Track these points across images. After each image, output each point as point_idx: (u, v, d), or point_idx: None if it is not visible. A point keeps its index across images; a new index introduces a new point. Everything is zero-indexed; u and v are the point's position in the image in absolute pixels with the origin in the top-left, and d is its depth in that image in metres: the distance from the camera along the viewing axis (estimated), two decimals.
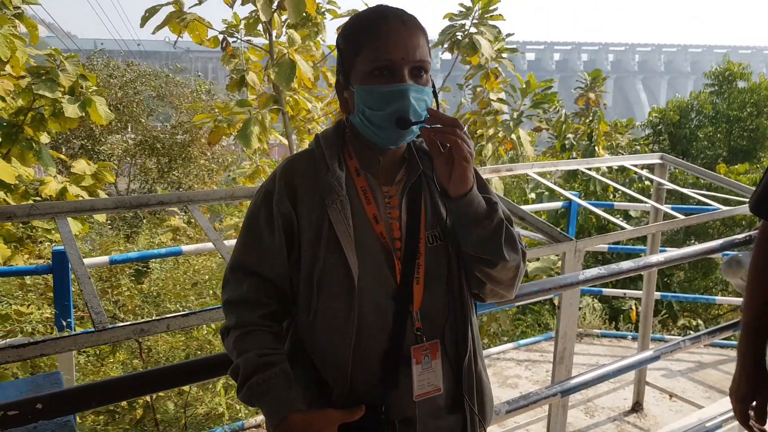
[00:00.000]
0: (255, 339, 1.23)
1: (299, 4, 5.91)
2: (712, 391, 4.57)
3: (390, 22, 1.21)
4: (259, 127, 6.14)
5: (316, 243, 1.23)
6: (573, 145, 11.18)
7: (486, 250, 1.23)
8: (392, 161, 1.31)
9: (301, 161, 1.31)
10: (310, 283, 1.24)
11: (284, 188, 1.27)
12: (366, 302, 1.23)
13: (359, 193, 1.27)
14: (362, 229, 1.25)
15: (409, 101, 1.19)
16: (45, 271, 3.28)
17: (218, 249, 2.24)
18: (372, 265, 1.24)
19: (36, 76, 5.35)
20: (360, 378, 1.23)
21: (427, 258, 1.28)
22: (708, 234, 8.59)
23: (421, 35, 1.24)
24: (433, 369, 1.27)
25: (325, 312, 1.24)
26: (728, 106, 11.64)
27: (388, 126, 1.21)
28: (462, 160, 1.17)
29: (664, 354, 2.70)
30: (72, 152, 10.80)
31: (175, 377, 1.54)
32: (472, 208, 1.21)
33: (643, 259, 2.59)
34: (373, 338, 1.24)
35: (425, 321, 1.27)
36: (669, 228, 5.97)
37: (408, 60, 1.20)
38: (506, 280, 1.28)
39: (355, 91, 1.24)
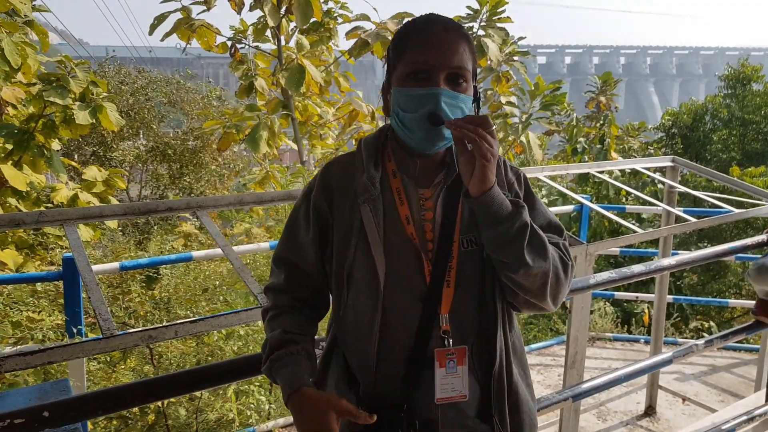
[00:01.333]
0: (285, 319, 1.33)
1: (307, 10, 5.93)
2: (726, 394, 4.52)
3: (431, 29, 1.25)
4: (267, 132, 6.17)
5: (347, 240, 1.28)
6: (585, 148, 11.12)
7: (505, 253, 1.20)
8: (431, 164, 1.32)
9: (342, 162, 1.37)
10: (340, 278, 1.29)
11: (322, 187, 1.33)
12: (392, 301, 1.25)
13: (394, 193, 1.30)
14: (393, 228, 1.27)
15: (440, 103, 1.21)
16: (56, 278, 3.29)
17: (227, 255, 2.24)
18: (401, 265, 1.26)
19: (47, 83, 5.40)
20: (384, 375, 1.26)
21: (460, 261, 1.27)
22: (721, 237, 8.50)
23: (462, 43, 1.25)
24: (458, 374, 1.26)
25: (353, 307, 1.28)
26: (742, 109, 11.54)
27: (419, 128, 1.23)
28: (481, 158, 1.16)
29: (677, 358, 2.67)
30: (84, 159, 10.88)
31: (183, 384, 1.54)
32: (491, 209, 1.20)
33: (655, 263, 2.56)
34: (398, 337, 1.26)
35: (453, 325, 1.26)
36: (681, 231, 5.91)
37: (444, 66, 1.22)
38: (534, 288, 1.24)
39: (393, 92, 1.28)
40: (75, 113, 5.40)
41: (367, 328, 1.25)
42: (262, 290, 1.41)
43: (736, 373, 4.90)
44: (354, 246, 1.26)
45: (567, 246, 1.31)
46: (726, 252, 2.92)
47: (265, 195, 2.80)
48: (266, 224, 6.15)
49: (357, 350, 1.28)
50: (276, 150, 6.93)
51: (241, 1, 6.38)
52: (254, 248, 3.91)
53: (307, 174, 6.30)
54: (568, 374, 2.64)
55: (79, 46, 21.35)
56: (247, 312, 1.92)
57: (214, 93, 13.69)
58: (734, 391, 4.55)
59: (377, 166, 1.31)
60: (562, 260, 1.27)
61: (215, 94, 13.66)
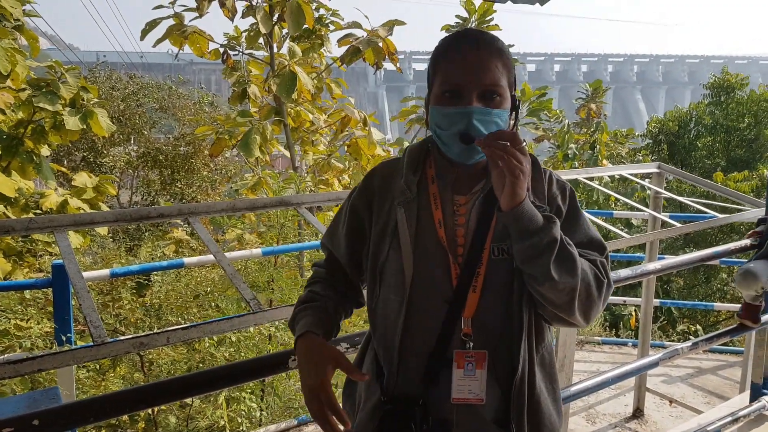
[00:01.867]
0: (317, 285, 1.47)
1: (299, 17, 5.95)
2: (712, 396, 4.57)
3: (463, 47, 1.30)
4: (260, 137, 6.18)
5: (382, 239, 1.36)
6: (576, 154, 11.21)
7: (532, 266, 1.22)
8: (471, 173, 1.36)
9: (386, 166, 1.46)
10: (374, 274, 1.37)
11: (364, 188, 1.44)
12: (418, 300, 1.31)
13: (430, 198, 1.35)
14: (426, 231, 1.33)
15: (472, 123, 1.25)
16: (45, 285, 3.27)
17: (218, 261, 2.25)
18: (429, 267, 1.31)
19: (36, 89, 5.38)
20: (406, 370, 1.32)
21: (489, 269, 1.30)
22: (707, 241, 8.60)
23: (495, 59, 1.28)
24: (477, 378, 1.28)
25: (383, 302, 1.35)
26: (726, 117, 11.68)
27: (454, 144, 1.28)
28: (510, 175, 1.18)
29: (663, 360, 2.71)
30: (74, 165, 10.83)
31: (174, 391, 1.55)
32: (521, 223, 1.21)
33: (641, 267, 2.60)
34: (421, 335, 1.31)
35: (476, 330, 1.29)
36: (666, 236, 5.98)
37: (476, 85, 1.26)
38: (559, 302, 1.24)
39: (430, 109, 1.34)
40: (65, 119, 5.39)
41: (393, 323, 1.32)
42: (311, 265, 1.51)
43: (722, 375, 4.96)
44: (388, 245, 1.34)
45: (605, 264, 1.32)
46: (711, 256, 2.97)
47: (258, 201, 2.81)
48: (258, 230, 6.15)
49: (384, 343, 1.35)
50: (268, 156, 6.94)
51: (234, 7, 6.38)
52: (247, 254, 3.92)
53: (299, 180, 6.32)
54: (558, 377, 2.66)
55: (69, 51, 21.27)
56: (240, 318, 1.93)
57: (206, 99, 13.68)
58: (720, 393, 4.60)
59: (416, 172, 1.37)
60: (597, 278, 1.27)
61: (207, 100, 13.65)
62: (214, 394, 4.00)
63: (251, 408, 4.11)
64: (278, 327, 4.42)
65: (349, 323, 4.86)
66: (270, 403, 4.35)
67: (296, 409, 4.38)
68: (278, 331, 4.43)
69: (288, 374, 4.31)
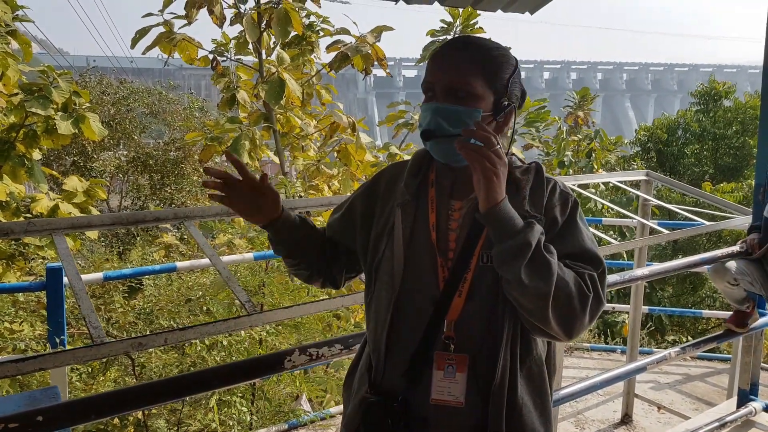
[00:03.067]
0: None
1: (286, 25, 6.00)
2: (700, 402, 4.62)
3: (446, 49, 1.35)
4: (249, 143, 6.20)
5: (380, 237, 1.41)
6: (571, 162, 11.30)
7: (505, 269, 1.23)
8: (468, 178, 1.33)
9: (393, 169, 1.51)
10: (370, 271, 1.43)
11: (368, 188, 1.52)
12: (406, 300, 1.35)
13: (428, 202, 1.40)
14: (420, 234, 1.37)
15: (431, 118, 1.30)
16: (39, 288, 3.28)
17: (214, 264, 2.27)
18: (419, 268, 1.36)
19: (29, 93, 5.38)
20: (392, 366, 1.36)
21: (476, 275, 1.32)
22: (695, 249, 8.69)
23: (471, 59, 1.32)
24: (456, 381, 1.30)
25: (376, 298, 1.40)
26: (714, 125, 11.83)
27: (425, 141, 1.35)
28: (483, 177, 1.20)
29: (650, 366, 2.76)
30: (64, 169, 10.79)
31: (174, 389, 1.57)
32: (497, 225, 1.22)
33: (628, 273, 2.65)
34: (406, 335, 1.35)
35: (459, 334, 1.31)
36: (654, 242, 6.05)
37: (442, 80, 1.31)
38: (532, 308, 1.24)
39: None
40: (57, 123, 5.39)
41: (383, 318, 1.36)
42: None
43: (710, 381, 5.02)
44: (384, 244, 1.39)
45: (596, 279, 1.28)
46: (698, 263, 3.03)
47: None
48: (248, 235, 6.16)
49: (374, 337, 1.40)
50: (258, 162, 6.96)
51: (222, 15, 6.40)
52: (239, 259, 3.94)
53: (289, 185, 6.34)
54: None
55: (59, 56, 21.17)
56: (236, 320, 1.95)
57: (196, 104, 13.68)
58: (708, 399, 4.66)
59: (417, 175, 1.42)
60: (581, 290, 1.25)
61: (197, 105, 13.65)
62: (205, 397, 4.00)
63: (242, 412, 4.12)
64: (269, 332, 4.43)
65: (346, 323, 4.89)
66: (260, 407, 4.36)
67: (286, 413, 4.39)
68: (269, 336, 4.44)
69: (279, 378, 4.32)
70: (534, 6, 3.25)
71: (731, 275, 3.00)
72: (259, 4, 6.41)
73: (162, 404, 3.66)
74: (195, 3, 6.01)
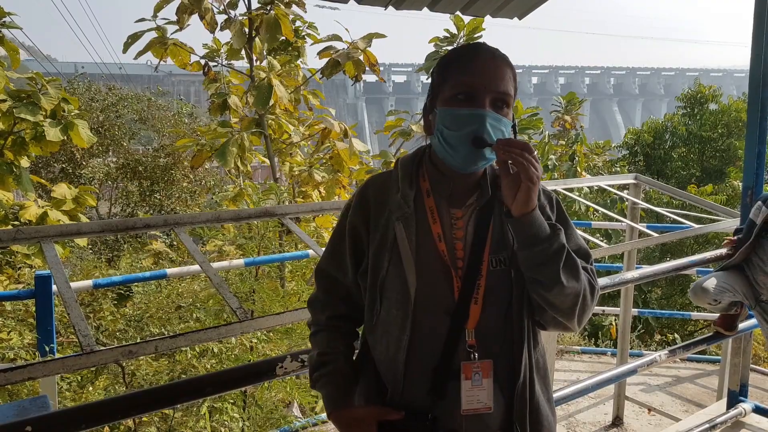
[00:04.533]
0: (321, 338, 1.46)
1: (275, 31, 6.00)
2: (690, 404, 4.65)
3: (480, 54, 1.32)
4: (237, 148, 6.19)
5: (381, 255, 1.35)
6: (555, 166, 11.37)
7: (543, 272, 1.25)
8: (465, 186, 1.38)
9: (379, 181, 1.45)
10: (374, 291, 1.37)
11: (359, 203, 1.42)
12: (422, 315, 1.31)
13: (427, 212, 1.36)
14: (425, 246, 1.33)
15: (485, 125, 1.26)
16: (27, 296, 3.25)
17: (205, 271, 2.26)
18: (431, 281, 1.32)
19: (17, 100, 5.34)
20: (411, 384, 1.33)
21: (489, 280, 1.32)
22: (682, 250, 8.76)
23: (508, 71, 1.31)
24: (484, 387, 1.31)
25: (384, 318, 1.35)
26: (700, 128, 11.94)
27: (462, 146, 1.28)
28: (528, 181, 1.21)
29: (641, 368, 2.77)
30: (52, 176, 10.72)
31: (165, 398, 1.57)
32: (532, 230, 1.24)
33: (618, 276, 2.66)
34: (426, 350, 1.32)
35: (479, 340, 1.31)
36: (643, 245, 6.09)
37: (490, 89, 1.28)
38: (564, 307, 1.28)
39: (437, 111, 1.33)
40: (46, 130, 5.35)
41: (397, 339, 1.32)
42: (306, 302, 1.53)
43: (700, 383, 5.05)
44: (387, 261, 1.34)
45: (593, 271, 1.36)
46: (686, 265, 3.05)
47: (243, 212, 2.83)
48: (237, 242, 6.15)
49: (387, 360, 1.35)
50: (249, 167, 6.95)
51: (214, 20, 6.40)
52: (230, 265, 3.92)
53: (280, 191, 6.33)
54: None
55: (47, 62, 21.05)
56: (227, 327, 1.95)
57: (185, 110, 13.63)
58: (698, 401, 4.68)
59: (412, 185, 1.38)
60: (590, 284, 1.32)
61: (186, 111, 13.61)
62: (197, 404, 3.98)
63: (233, 419, 4.09)
64: (260, 338, 4.42)
65: None
66: (252, 413, 4.34)
67: (278, 420, 4.37)
68: (260, 343, 4.43)
69: (270, 385, 4.31)
70: (522, 11, 3.27)
71: (711, 296, 3.01)
72: (250, 10, 6.41)
73: (152, 413, 3.64)
74: (186, 8, 6.00)
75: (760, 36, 3.20)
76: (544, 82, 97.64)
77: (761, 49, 3.20)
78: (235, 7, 6.45)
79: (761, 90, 3.24)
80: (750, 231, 3.07)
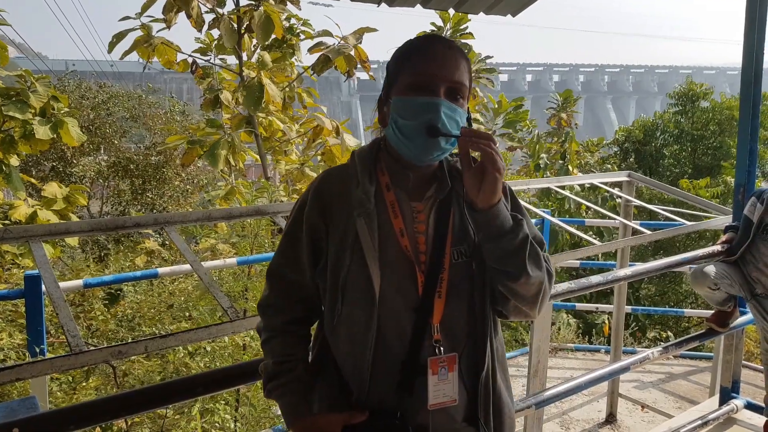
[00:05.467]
0: (276, 344, 1.39)
1: (268, 27, 5.97)
2: (683, 401, 4.66)
3: (435, 44, 1.30)
4: (227, 148, 6.16)
5: (342, 252, 1.30)
6: (547, 164, 11.39)
7: (509, 263, 1.25)
8: (423, 178, 1.36)
9: (335, 175, 1.39)
10: (335, 290, 1.32)
11: (315, 201, 1.36)
12: (386, 312, 1.28)
13: (388, 207, 1.33)
14: (388, 241, 1.30)
15: (439, 114, 1.24)
16: (17, 296, 3.22)
17: (196, 271, 2.25)
18: (395, 277, 1.29)
19: (6, 97, 5.30)
20: (378, 383, 1.30)
21: (451, 273, 1.31)
22: (674, 247, 8.79)
23: (462, 62, 1.30)
24: (449, 381, 1.30)
25: (347, 318, 1.31)
26: (692, 125, 11.98)
27: (417, 136, 1.26)
28: (495, 172, 1.20)
29: (634, 365, 2.78)
30: (42, 175, 10.63)
31: (155, 398, 1.55)
32: (498, 221, 1.24)
33: (611, 273, 2.66)
34: (392, 347, 1.29)
35: (444, 334, 1.31)
36: (636, 243, 6.10)
37: (445, 79, 1.27)
38: (529, 296, 1.30)
39: (392, 101, 1.31)
40: (35, 128, 5.31)
41: (362, 337, 1.28)
42: (257, 306, 1.45)
43: (692, 380, 5.07)
44: (349, 258, 1.29)
45: (549, 258, 1.36)
46: (679, 262, 3.05)
47: (234, 210, 2.81)
48: (231, 240, 6.12)
49: (352, 359, 1.32)
50: (242, 164, 6.92)
51: (201, 18, 6.36)
52: (222, 264, 3.90)
53: (272, 189, 6.30)
54: (531, 383, 2.70)
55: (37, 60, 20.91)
56: (218, 327, 1.93)
57: (177, 107, 13.55)
58: (691, 398, 4.70)
59: (372, 180, 1.34)
60: (548, 271, 1.33)
61: (178, 109, 13.53)
62: (188, 405, 3.96)
63: (225, 419, 4.07)
64: (253, 337, 4.40)
65: None
66: (244, 414, 4.32)
67: (271, 419, 4.35)
68: (253, 341, 4.41)
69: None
70: (516, 8, 3.26)
71: (711, 280, 3.02)
72: (239, 7, 6.37)
73: (143, 413, 3.62)
74: (173, 6, 5.95)
75: (752, 34, 3.20)
76: (539, 80, 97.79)
77: (753, 47, 3.20)
78: (223, 5, 6.41)
79: (753, 87, 3.25)
80: (747, 229, 3.07)
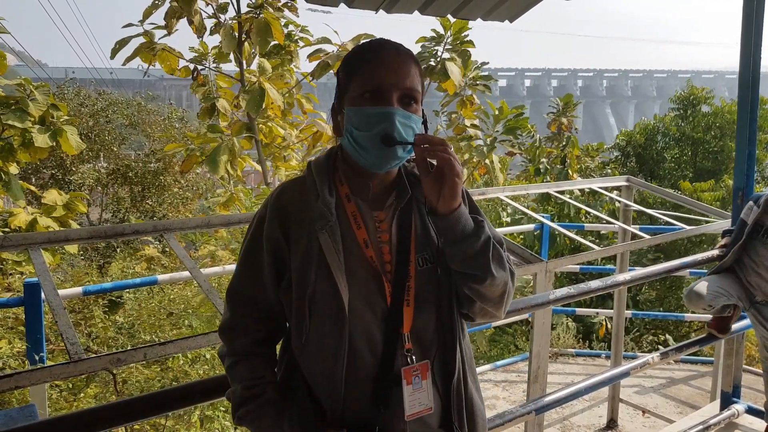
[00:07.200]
0: (242, 368, 1.34)
1: (266, 34, 5.99)
2: (684, 406, 4.65)
3: (385, 51, 1.28)
4: (228, 154, 6.16)
5: (306, 268, 1.26)
6: (547, 169, 11.38)
7: (474, 266, 1.25)
8: (382, 186, 1.34)
9: (293, 188, 1.35)
10: (301, 307, 1.27)
11: (275, 215, 1.31)
12: (357, 325, 1.25)
13: (349, 218, 1.30)
14: (352, 253, 1.28)
15: (394, 123, 1.22)
16: (16, 304, 3.22)
17: (195, 277, 2.25)
18: (362, 289, 1.27)
19: (5, 106, 5.31)
20: (353, 398, 1.26)
21: (417, 280, 1.30)
22: (674, 250, 8.77)
23: (413, 66, 1.29)
24: (424, 389, 1.29)
25: (316, 335, 1.27)
26: (693, 129, 11.98)
27: (373, 146, 1.24)
28: (454, 177, 1.20)
29: (635, 370, 2.77)
30: (42, 182, 10.65)
31: (153, 406, 1.54)
32: (460, 225, 1.23)
33: (611, 278, 2.66)
34: (365, 360, 1.26)
35: (415, 342, 1.29)
36: (635, 247, 6.10)
37: (397, 86, 1.25)
38: (495, 297, 1.30)
39: (345, 112, 1.29)
40: (34, 136, 5.32)
41: (333, 353, 1.25)
42: (218, 331, 1.41)
43: (693, 385, 5.06)
44: (315, 274, 1.25)
45: (509, 257, 1.35)
46: (679, 267, 3.05)
47: (233, 217, 2.81)
48: (230, 247, 6.12)
49: (324, 376, 1.28)
50: (240, 171, 6.92)
51: (202, 25, 6.38)
52: (221, 271, 3.89)
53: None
54: (531, 388, 2.70)
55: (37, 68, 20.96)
56: (216, 334, 1.93)
57: (175, 114, 13.58)
58: (692, 403, 4.69)
59: (331, 191, 1.31)
60: (511, 271, 1.33)
61: (177, 116, 13.55)
62: (188, 412, 3.95)
63: (225, 426, 4.06)
64: None
65: None
66: None
67: None
68: None
69: None
70: (513, 14, 3.27)
71: (705, 302, 3.00)
72: (240, 13, 6.40)
73: (142, 421, 3.61)
74: (175, 12, 5.98)
75: (749, 38, 3.21)
76: (537, 85, 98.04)
77: (750, 50, 3.21)
78: (225, 11, 6.44)
79: (750, 91, 3.25)
80: (741, 231, 3.07)
